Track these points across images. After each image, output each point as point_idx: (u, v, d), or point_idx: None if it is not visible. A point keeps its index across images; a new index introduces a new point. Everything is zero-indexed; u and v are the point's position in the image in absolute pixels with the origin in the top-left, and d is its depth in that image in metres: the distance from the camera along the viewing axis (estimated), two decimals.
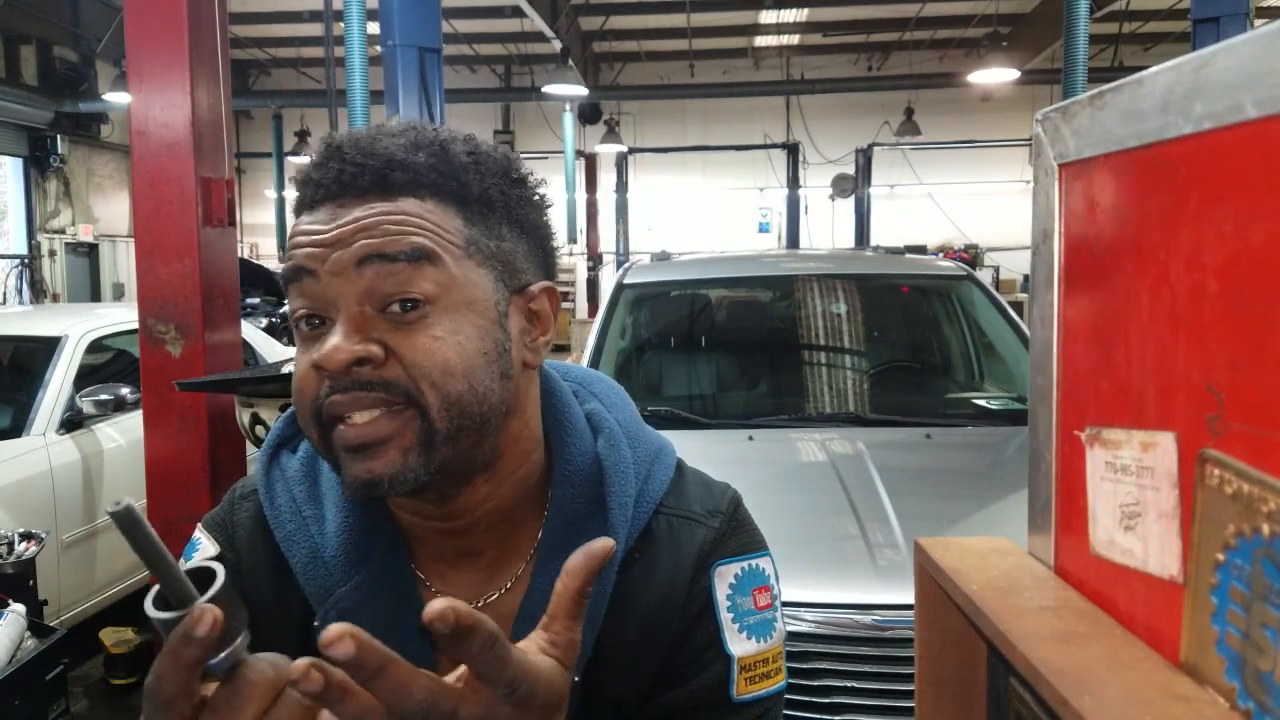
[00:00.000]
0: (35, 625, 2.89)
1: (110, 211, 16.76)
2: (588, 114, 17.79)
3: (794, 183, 17.89)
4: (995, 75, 12.33)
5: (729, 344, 3.79)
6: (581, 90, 13.86)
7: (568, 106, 16.34)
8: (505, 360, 0.75)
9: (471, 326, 0.73)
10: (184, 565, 0.83)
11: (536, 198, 0.81)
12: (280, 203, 19.69)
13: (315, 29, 12.72)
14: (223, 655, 0.51)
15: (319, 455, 0.76)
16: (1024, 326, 3.45)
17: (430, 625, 0.48)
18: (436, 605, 0.48)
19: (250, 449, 4.00)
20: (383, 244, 0.70)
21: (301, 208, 0.75)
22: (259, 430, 3.47)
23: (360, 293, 0.70)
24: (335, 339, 0.70)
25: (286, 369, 3.98)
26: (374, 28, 6.19)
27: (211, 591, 0.50)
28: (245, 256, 16.99)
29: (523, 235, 0.78)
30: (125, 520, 0.49)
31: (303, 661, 0.48)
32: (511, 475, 0.80)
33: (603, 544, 0.56)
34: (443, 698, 0.50)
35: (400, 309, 0.70)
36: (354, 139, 0.74)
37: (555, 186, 15.96)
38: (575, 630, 0.57)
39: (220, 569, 0.52)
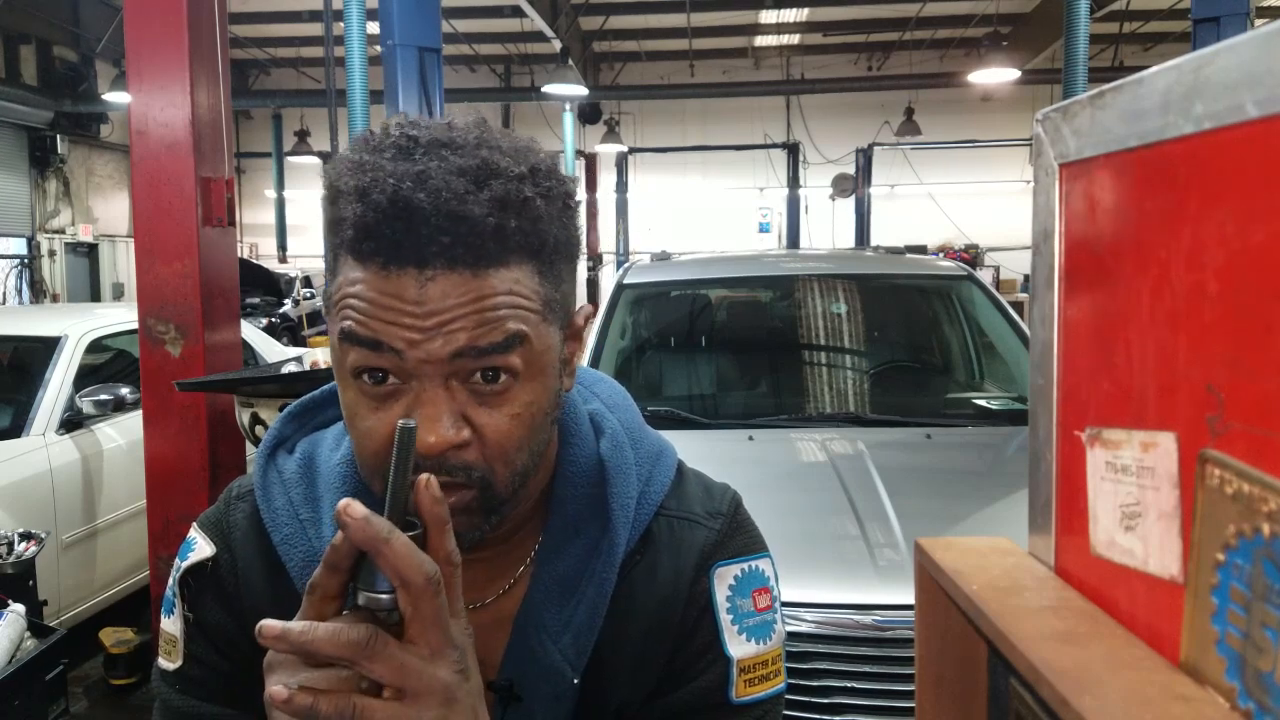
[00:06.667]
0: (35, 625, 2.89)
1: (110, 211, 16.76)
2: (588, 114, 17.79)
3: (794, 183, 17.90)
4: (995, 75, 12.35)
5: (729, 344, 3.78)
6: (581, 90, 13.87)
7: (567, 106, 16.34)
8: (558, 406, 0.76)
9: (543, 390, 0.71)
10: (179, 565, 0.84)
11: (579, 219, 0.76)
12: (280, 202, 19.68)
13: (315, 29, 12.72)
14: (393, 595, 0.58)
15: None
16: (1024, 326, 3.45)
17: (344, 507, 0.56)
18: (358, 510, 0.56)
19: (250, 449, 3.99)
20: (476, 336, 0.66)
21: (362, 255, 0.66)
22: (259, 430, 3.47)
23: (448, 369, 0.67)
24: (426, 422, 0.66)
25: (286, 369, 3.98)
26: (374, 27, 6.19)
27: (416, 531, 0.59)
28: (245, 256, 16.99)
29: (572, 264, 0.75)
30: (405, 439, 0.58)
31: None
32: (530, 497, 0.80)
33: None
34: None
35: (483, 378, 0.68)
36: (433, 193, 0.65)
37: None
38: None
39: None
